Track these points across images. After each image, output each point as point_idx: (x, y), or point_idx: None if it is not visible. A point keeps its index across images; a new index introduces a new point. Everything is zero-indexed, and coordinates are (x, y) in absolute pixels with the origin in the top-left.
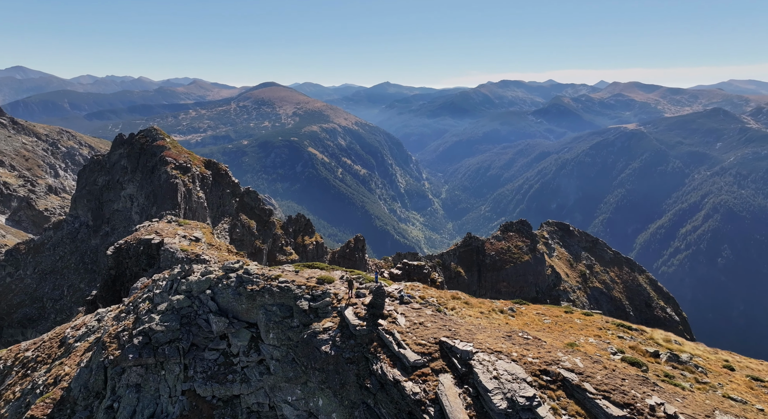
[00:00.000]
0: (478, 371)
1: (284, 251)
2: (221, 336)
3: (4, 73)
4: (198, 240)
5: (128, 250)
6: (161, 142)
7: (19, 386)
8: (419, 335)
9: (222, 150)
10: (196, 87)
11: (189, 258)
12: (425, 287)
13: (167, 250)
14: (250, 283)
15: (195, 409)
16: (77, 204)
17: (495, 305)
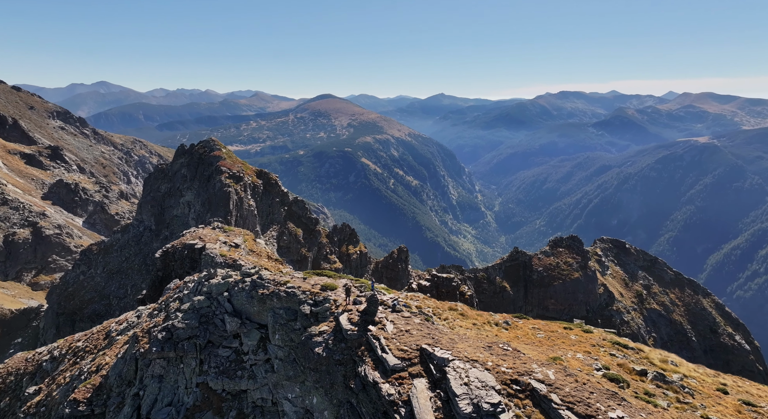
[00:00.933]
0: (450, 377)
1: (329, 259)
2: (234, 335)
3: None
4: (237, 246)
5: (174, 253)
6: (218, 152)
7: (69, 372)
8: (403, 341)
9: (279, 160)
10: (258, 99)
11: (227, 263)
12: (425, 297)
13: (207, 255)
14: (261, 287)
15: (206, 400)
16: (142, 209)
17: (494, 318)
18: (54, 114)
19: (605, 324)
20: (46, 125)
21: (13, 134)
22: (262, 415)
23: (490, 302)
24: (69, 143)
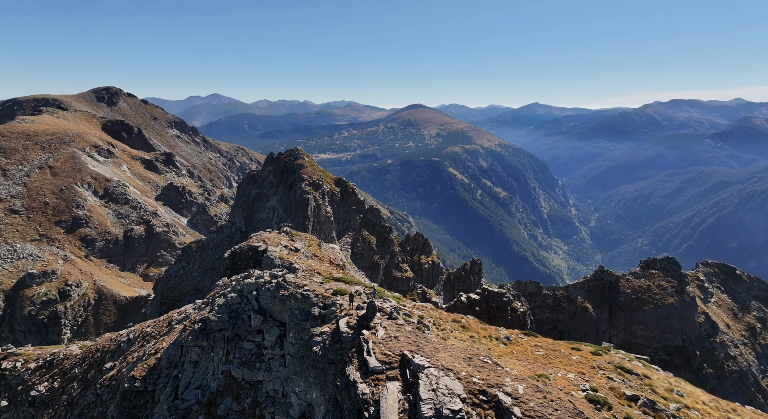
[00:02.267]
0: (421, 382)
1: (400, 268)
2: (258, 330)
3: (204, 100)
4: (297, 250)
5: (241, 254)
6: (301, 161)
7: (137, 353)
8: (388, 346)
9: (368, 168)
10: (351, 109)
11: (283, 265)
12: (432, 308)
13: (267, 257)
14: (283, 288)
15: (228, 387)
16: (235, 212)
17: (498, 333)
18: (172, 124)
19: (705, 356)
20: (166, 133)
21: (137, 142)
22: (272, 405)
23: (569, 323)
24: (182, 150)
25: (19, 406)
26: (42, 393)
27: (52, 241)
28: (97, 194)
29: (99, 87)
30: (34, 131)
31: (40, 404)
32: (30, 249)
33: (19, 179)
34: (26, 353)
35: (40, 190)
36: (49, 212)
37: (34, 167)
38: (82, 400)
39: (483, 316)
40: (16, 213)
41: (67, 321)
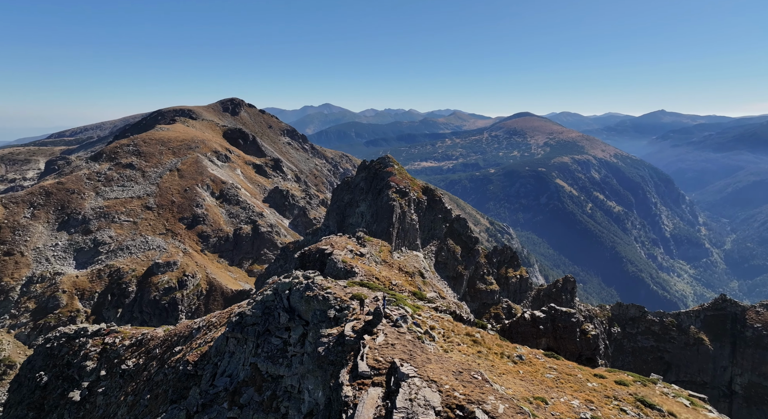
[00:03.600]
0: (401, 391)
1: (485, 279)
2: (286, 327)
3: (317, 110)
4: (362, 255)
5: (310, 256)
6: (390, 168)
7: (200, 340)
8: (383, 353)
9: (469, 177)
10: (455, 118)
11: (345, 269)
12: (449, 320)
13: (331, 259)
14: (310, 290)
15: (252, 378)
16: (329, 216)
17: (517, 351)
18: (285, 132)
19: None
20: (278, 140)
21: (251, 148)
22: (288, 400)
23: (679, 355)
24: (292, 156)
25: (112, 376)
26: (130, 368)
27: (176, 235)
28: (213, 195)
29: (225, 98)
30: (168, 137)
31: (128, 377)
32: (158, 242)
33: (154, 179)
34: (124, 331)
35: (169, 190)
36: (174, 209)
37: (166, 170)
38: (155, 377)
39: (548, 336)
40: (150, 209)
41: (183, 307)
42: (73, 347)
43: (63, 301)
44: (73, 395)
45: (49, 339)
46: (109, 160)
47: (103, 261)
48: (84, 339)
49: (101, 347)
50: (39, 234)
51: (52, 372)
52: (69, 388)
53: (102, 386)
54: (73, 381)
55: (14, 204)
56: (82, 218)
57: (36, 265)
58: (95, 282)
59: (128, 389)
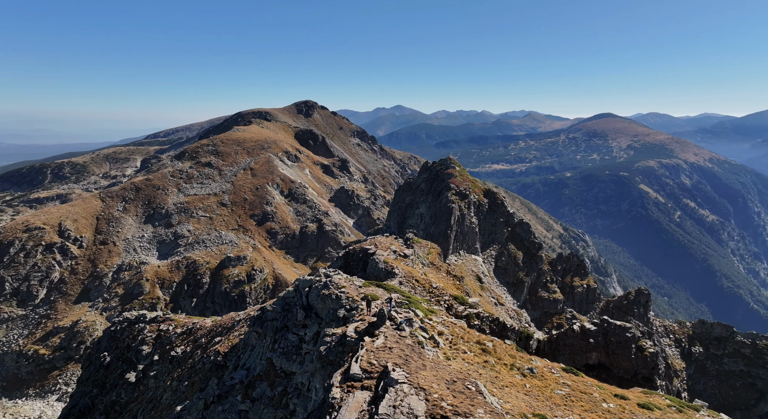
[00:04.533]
0: (387, 397)
1: (547, 288)
2: (303, 325)
3: (389, 111)
4: (406, 257)
5: (354, 255)
6: (451, 170)
7: (237, 331)
8: (379, 356)
9: (543, 180)
10: (530, 119)
11: (386, 269)
12: (462, 327)
13: (373, 259)
14: (326, 288)
15: (266, 373)
16: (390, 217)
17: (532, 364)
18: (354, 133)
19: None
20: (349, 141)
21: (320, 149)
22: (297, 397)
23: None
24: (361, 157)
25: (163, 362)
26: (178, 355)
27: (247, 231)
28: (282, 194)
29: (299, 101)
30: (243, 138)
31: (176, 363)
32: (230, 237)
33: (229, 178)
34: (178, 320)
35: (242, 188)
36: (246, 206)
37: (240, 169)
38: (196, 365)
39: (599, 351)
40: (224, 206)
41: (250, 300)
42: (133, 331)
43: (146, 288)
44: (129, 376)
45: (115, 323)
46: (190, 159)
47: (182, 253)
48: (142, 325)
49: (156, 333)
50: (129, 226)
51: (114, 353)
52: (127, 369)
53: (154, 370)
54: (131, 363)
55: (110, 198)
56: (165, 213)
57: (125, 254)
58: (174, 272)
59: (174, 374)
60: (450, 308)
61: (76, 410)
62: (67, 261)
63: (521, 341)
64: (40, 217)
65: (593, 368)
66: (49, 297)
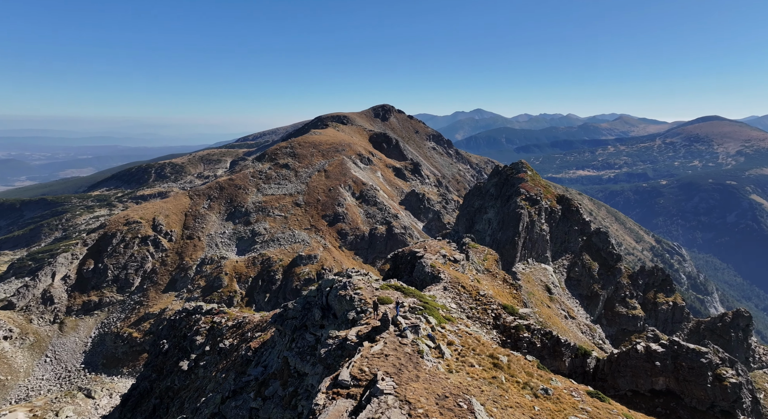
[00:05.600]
0: (368, 408)
1: (626, 303)
2: (320, 325)
3: (468, 115)
4: (456, 262)
5: (402, 257)
6: (522, 174)
7: (273, 327)
8: (372, 363)
9: (634, 188)
10: (621, 123)
11: (432, 273)
12: (478, 338)
13: (420, 262)
14: (344, 289)
15: (281, 372)
16: (459, 221)
17: (550, 384)
18: (430, 137)
19: None
20: (424, 145)
21: (393, 152)
22: (306, 399)
23: None
24: (436, 161)
25: (213, 353)
26: (226, 347)
27: (318, 231)
28: (354, 195)
29: (377, 105)
30: (319, 141)
31: (223, 354)
32: (303, 236)
33: (304, 179)
34: (230, 313)
35: (316, 189)
36: (319, 207)
37: (315, 170)
38: (238, 359)
39: (668, 376)
40: (298, 206)
41: None
42: (190, 322)
43: (225, 282)
44: (182, 364)
45: (176, 313)
46: (269, 160)
47: (258, 250)
48: (198, 316)
49: (210, 325)
50: (212, 223)
51: (172, 341)
52: (181, 358)
53: (204, 360)
54: (186, 352)
55: (197, 196)
56: (245, 211)
57: (208, 249)
58: (250, 268)
59: (220, 366)
60: (497, 318)
61: (136, 392)
62: (159, 253)
63: (577, 358)
64: (138, 212)
65: (660, 394)
66: (143, 285)
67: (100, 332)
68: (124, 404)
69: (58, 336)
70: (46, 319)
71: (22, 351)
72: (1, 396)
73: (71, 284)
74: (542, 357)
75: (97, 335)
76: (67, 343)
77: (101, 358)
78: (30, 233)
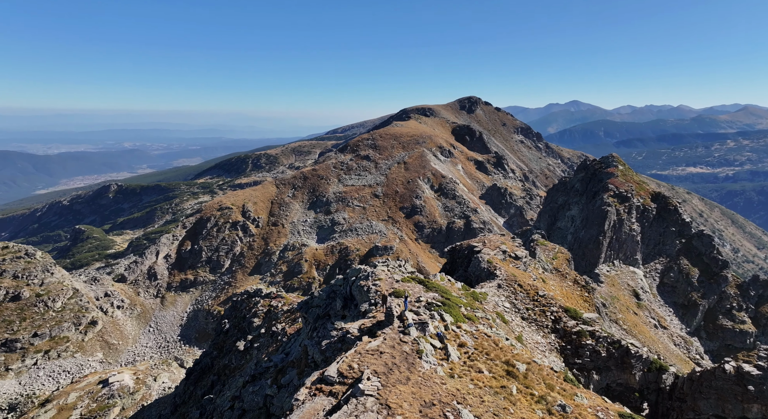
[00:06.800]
0: (343, 409)
1: (732, 316)
2: (342, 315)
3: (562, 107)
4: (517, 258)
5: (460, 251)
6: (612, 169)
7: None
8: (363, 360)
9: (759, 188)
10: (745, 114)
11: (488, 269)
12: (495, 341)
13: (477, 258)
14: (365, 279)
15: (299, 361)
16: (541, 218)
17: (572, 401)
18: (518, 130)
19: None
20: (511, 138)
21: (476, 145)
22: None
23: None
24: (523, 155)
25: (267, 335)
26: (278, 330)
27: (395, 223)
28: (432, 188)
29: (463, 97)
30: (400, 133)
31: (275, 338)
32: (380, 227)
33: (384, 170)
34: (287, 298)
35: (395, 181)
36: (397, 199)
37: (394, 162)
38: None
39: (763, 403)
40: (377, 197)
41: None
42: (250, 304)
43: (304, 268)
44: (239, 344)
45: (238, 294)
46: (351, 152)
47: (336, 239)
48: (258, 299)
49: (267, 308)
50: (295, 211)
51: (233, 322)
52: (239, 338)
53: (259, 342)
54: (244, 333)
55: (283, 185)
56: (326, 201)
57: (290, 236)
58: (328, 256)
59: (270, 348)
60: (557, 321)
61: (198, 367)
62: (246, 238)
63: (650, 373)
64: (230, 198)
65: None
66: (232, 267)
67: (194, 308)
68: (188, 377)
69: (159, 309)
70: (151, 293)
71: (131, 320)
72: (114, 358)
73: (171, 263)
74: (608, 368)
75: (191, 310)
76: (167, 316)
77: (194, 332)
78: (146, 216)
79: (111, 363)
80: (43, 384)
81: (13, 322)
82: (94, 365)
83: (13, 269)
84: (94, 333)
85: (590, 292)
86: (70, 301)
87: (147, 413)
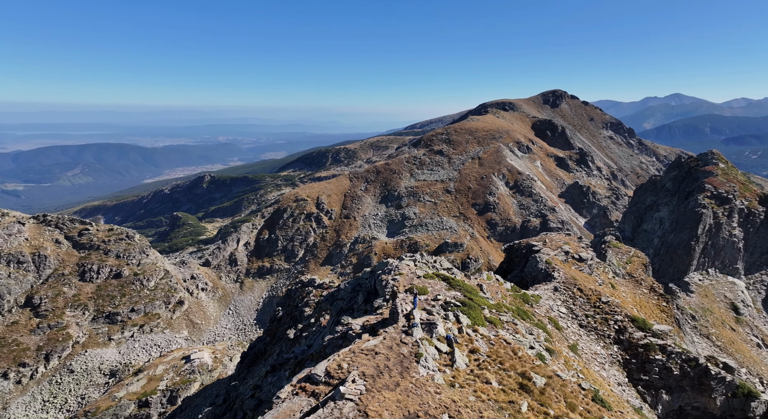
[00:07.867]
0: (317, 413)
1: None
2: (364, 310)
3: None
4: (581, 260)
5: (518, 250)
6: (711, 167)
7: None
8: (355, 360)
9: None
10: None
11: (545, 270)
12: (513, 350)
13: (534, 257)
14: (386, 274)
15: (318, 354)
16: (626, 218)
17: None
18: (607, 125)
19: None
20: (599, 134)
21: (558, 141)
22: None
23: None
24: (612, 151)
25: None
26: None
27: (467, 219)
28: (507, 185)
29: (547, 90)
30: (475, 128)
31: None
32: (451, 223)
33: (457, 166)
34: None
35: (468, 176)
36: (470, 195)
37: (468, 157)
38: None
39: None
40: (449, 193)
41: None
42: (303, 293)
43: (373, 261)
44: (289, 332)
45: (293, 283)
46: (425, 146)
47: (406, 233)
48: (311, 288)
49: (319, 298)
50: (367, 204)
51: (286, 310)
52: (290, 326)
53: (308, 331)
54: (296, 321)
55: (356, 179)
56: (397, 195)
57: (361, 229)
58: (398, 250)
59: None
60: (621, 332)
61: (252, 352)
62: (320, 229)
63: (735, 399)
64: (306, 190)
65: None
66: (305, 257)
67: (269, 294)
68: (242, 361)
69: (238, 293)
70: (231, 278)
71: (213, 302)
72: (197, 337)
73: (250, 250)
74: (681, 388)
75: (266, 296)
76: (245, 300)
77: (268, 317)
78: (234, 205)
79: (194, 341)
80: (137, 355)
81: (115, 297)
82: (180, 341)
83: (116, 250)
84: (181, 312)
85: (669, 302)
86: (162, 281)
87: (209, 391)
